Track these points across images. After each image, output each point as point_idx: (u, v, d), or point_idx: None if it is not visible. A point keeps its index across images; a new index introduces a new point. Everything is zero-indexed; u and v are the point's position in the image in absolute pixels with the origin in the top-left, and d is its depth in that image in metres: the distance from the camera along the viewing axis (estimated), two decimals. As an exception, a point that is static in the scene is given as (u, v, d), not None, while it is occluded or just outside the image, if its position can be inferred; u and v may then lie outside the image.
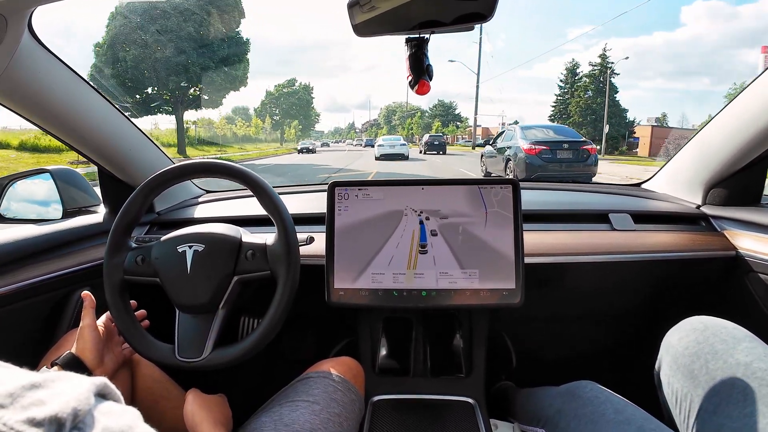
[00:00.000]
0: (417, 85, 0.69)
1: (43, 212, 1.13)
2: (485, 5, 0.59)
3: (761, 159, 1.01)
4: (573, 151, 7.84)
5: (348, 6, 0.60)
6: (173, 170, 0.80)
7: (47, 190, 1.09)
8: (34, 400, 0.24)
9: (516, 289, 0.84)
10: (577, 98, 31.69)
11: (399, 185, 0.88)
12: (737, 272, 1.00)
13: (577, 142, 8.09)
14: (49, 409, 0.24)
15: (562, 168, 7.80)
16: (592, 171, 7.97)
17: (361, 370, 0.90)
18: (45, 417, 0.23)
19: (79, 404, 0.25)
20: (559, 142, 7.97)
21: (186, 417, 0.68)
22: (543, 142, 7.85)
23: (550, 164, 7.70)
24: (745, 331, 0.68)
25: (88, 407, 0.26)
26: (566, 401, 0.78)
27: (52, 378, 0.27)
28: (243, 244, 0.79)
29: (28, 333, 0.87)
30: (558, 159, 7.79)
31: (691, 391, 0.65)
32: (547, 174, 7.57)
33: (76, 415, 0.25)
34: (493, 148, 9.53)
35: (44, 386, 0.26)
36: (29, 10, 0.71)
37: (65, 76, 0.88)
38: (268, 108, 64.05)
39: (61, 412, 0.24)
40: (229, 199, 1.34)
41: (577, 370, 0.97)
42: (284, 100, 63.13)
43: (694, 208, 1.14)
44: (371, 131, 55.44)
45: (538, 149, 7.72)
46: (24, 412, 0.23)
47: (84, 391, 0.27)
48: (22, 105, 0.85)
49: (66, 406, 0.25)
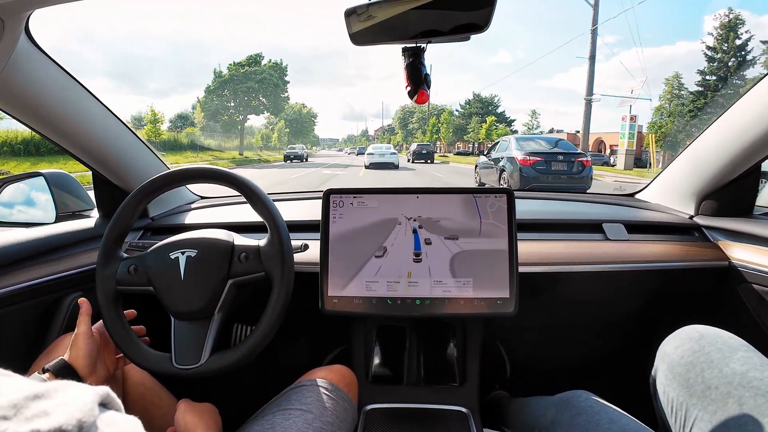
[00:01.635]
0: (416, 94, 0.70)
1: (36, 216, 1.12)
2: (481, 16, 0.59)
3: (753, 170, 1.02)
4: (567, 163, 7.87)
5: (345, 15, 0.60)
6: (166, 176, 0.80)
7: (41, 193, 1.08)
8: (38, 411, 0.24)
9: (510, 298, 0.84)
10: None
11: (394, 193, 0.89)
12: (730, 282, 1.01)
13: (572, 154, 8.11)
14: (54, 421, 0.23)
15: (556, 179, 7.84)
16: (586, 183, 7.99)
17: (355, 379, 0.90)
18: (50, 429, 0.23)
19: (83, 415, 0.25)
20: (554, 153, 8.00)
21: (177, 425, 0.67)
22: (537, 153, 7.89)
23: (544, 175, 7.74)
24: (740, 340, 0.68)
25: (93, 418, 0.26)
26: (561, 411, 0.78)
27: (55, 388, 0.27)
28: (236, 247, 0.78)
29: (19, 337, 0.86)
30: (552, 171, 7.82)
31: (687, 401, 0.65)
32: (541, 185, 7.60)
33: (81, 426, 0.24)
34: (487, 158, 9.56)
35: (48, 396, 0.25)
36: (27, 13, 0.71)
37: (62, 79, 0.88)
38: (213, 98, 41.15)
39: (66, 423, 0.24)
40: (223, 205, 1.34)
41: (572, 380, 0.97)
42: (238, 84, 40.39)
43: (687, 219, 1.15)
44: (383, 137, 52.53)
45: (533, 160, 7.76)
46: (28, 423, 0.23)
47: (88, 402, 0.27)
48: (18, 108, 0.84)
49: (71, 417, 0.24)
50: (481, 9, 0.59)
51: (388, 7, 0.58)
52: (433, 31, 0.63)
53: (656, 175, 1.33)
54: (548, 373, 1.29)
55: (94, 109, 0.98)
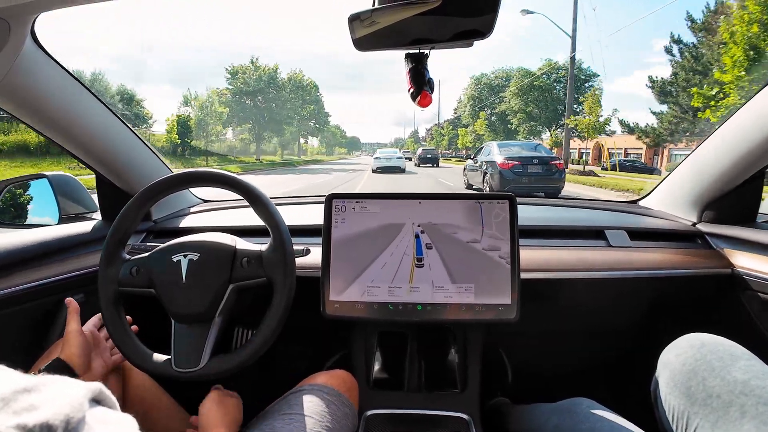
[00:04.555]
0: (419, 96, 0.70)
1: (39, 218, 1.12)
2: (484, 23, 0.60)
3: (756, 177, 1.02)
4: (542, 166, 8.72)
5: (349, 20, 0.60)
6: (169, 180, 0.80)
7: (44, 195, 1.09)
8: (26, 405, 0.24)
9: (512, 304, 0.83)
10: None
11: (396, 198, 0.89)
12: (733, 290, 1.00)
13: (546, 158, 9.03)
14: (41, 415, 0.23)
15: (532, 181, 8.62)
16: (559, 184, 8.84)
17: (355, 384, 0.89)
18: (36, 423, 0.23)
19: (72, 411, 0.25)
20: (530, 157, 8.85)
21: (201, 411, 0.69)
22: (516, 158, 8.76)
23: (522, 177, 8.56)
24: (742, 348, 0.68)
25: (82, 414, 0.26)
26: (562, 418, 0.77)
27: (45, 382, 0.26)
28: (238, 251, 0.78)
29: (20, 339, 0.86)
30: (529, 173, 8.65)
31: (689, 409, 0.64)
32: (519, 186, 8.43)
33: (68, 422, 0.24)
34: (474, 162, 10.41)
35: (37, 390, 0.25)
36: (32, 16, 0.71)
37: (66, 82, 0.89)
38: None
39: (53, 419, 0.24)
40: (226, 209, 1.34)
41: (574, 387, 0.97)
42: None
43: (689, 226, 1.15)
44: (439, 138, 47.56)
45: (511, 164, 8.61)
46: (15, 417, 0.23)
47: (78, 397, 0.26)
48: (23, 110, 0.85)
49: (58, 412, 0.24)
50: (484, 15, 0.59)
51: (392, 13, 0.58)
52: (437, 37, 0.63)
53: (659, 182, 1.32)
54: (550, 379, 1.28)
55: (99, 111, 0.99)
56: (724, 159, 1.02)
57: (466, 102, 43.34)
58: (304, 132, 50.90)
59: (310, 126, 49.88)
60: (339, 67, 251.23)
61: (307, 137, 56.17)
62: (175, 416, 0.85)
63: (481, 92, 41.67)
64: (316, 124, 50.16)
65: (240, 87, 38.01)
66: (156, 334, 0.85)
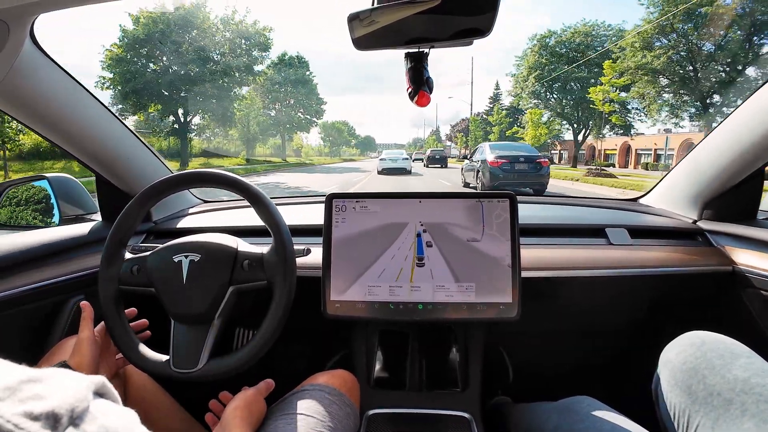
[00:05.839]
0: (417, 95, 0.70)
1: (40, 219, 1.12)
2: (484, 22, 0.60)
3: (756, 174, 1.02)
4: (528, 164, 9.64)
5: (348, 19, 0.60)
6: (169, 180, 0.80)
7: (44, 197, 1.09)
8: (32, 394, 0.24)
9: (513, 303, 0.83)
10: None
11: (397, 198, 0.89)
12: (734, 288, 1.00)
13: (532, 156, 9.88)
14: (47, 404, 0.24)
15: (519, 177, 9.54)
16: (544, 180, 9.75)
17: (357, 384, 0.89)
18: (42, 411, 0.23)
19: (76, 401, 0.25)
20: (517, 156, 9.72)
21: (226, 410, 0.68)
22: (504, 157, 9.63)
23: (510, 174, 9.48)
24: (742, 346, 0.68)
25: (86, 404, 0.26)
26: (563, 416, 0.77)
27: (50, 374, 0.27)
28: (239, 253, 0.78)
29: (21, 340, 0.86)
30: (516, 170, 9.55)
31: (689, 407, 0.64)
32: (507, 182, 9.34)
33: (73, 410, 0.25)
34: (470, 161, 11.38)
35: (42, 381, 0.26)
36: (32, 17, 0.71)
37: (66, 83, 0.89)
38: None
39: (59, 407, 0.24)
40: (226, 209, 1.34)
41: (575, 385, 0.97)
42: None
43: (690, 224, 1.15)
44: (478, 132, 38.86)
45: (500, 162, 9.51)
46: (21, 405, 0.23)
47: (82, 389, 0.27)
48: (22, 111, 0.85)
49: (64, 401, 0.25)
50: (484, 14, 0.59)
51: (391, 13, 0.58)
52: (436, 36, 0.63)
53: (660, 179, 1.32)
54: (551, 378, 1.28)
55: (98, 112, 0.99)
56: (724, 156, 1.02)
57: (527, 74, 32.20)
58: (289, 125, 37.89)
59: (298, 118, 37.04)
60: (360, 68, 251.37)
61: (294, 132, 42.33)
62: (176, 417, 0.85)
63: (550, 58, 31.13)
64: (305, 114, 37.60)
65: (136, 36, 21.54)
66: (156, 334, 0.85)
